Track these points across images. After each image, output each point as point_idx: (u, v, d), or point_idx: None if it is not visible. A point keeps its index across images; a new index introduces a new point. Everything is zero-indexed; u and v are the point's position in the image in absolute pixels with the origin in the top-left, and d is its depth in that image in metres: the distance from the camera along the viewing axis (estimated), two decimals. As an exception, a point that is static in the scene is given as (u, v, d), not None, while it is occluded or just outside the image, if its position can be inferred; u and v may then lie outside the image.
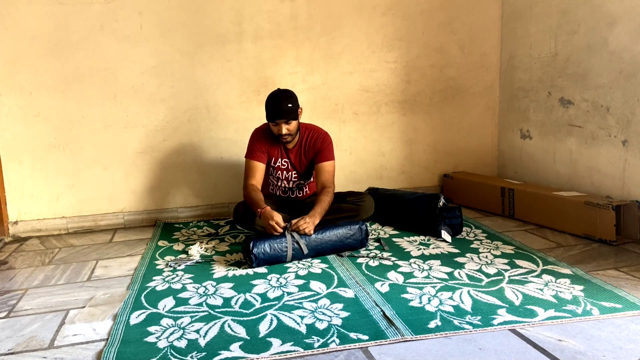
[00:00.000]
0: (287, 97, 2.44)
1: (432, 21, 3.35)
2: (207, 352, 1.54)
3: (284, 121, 2.43)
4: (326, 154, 2.57)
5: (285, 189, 2.68)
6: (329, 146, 2.59)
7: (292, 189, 2.69)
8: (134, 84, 2.99)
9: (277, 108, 2.42)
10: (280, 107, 2.41)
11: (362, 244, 2.42)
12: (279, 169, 2.62)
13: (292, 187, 2.68)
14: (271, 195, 2.71)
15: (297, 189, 2.70)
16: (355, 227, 2.39)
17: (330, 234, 2.34)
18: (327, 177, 2.54)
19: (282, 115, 2.42)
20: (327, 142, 2.59)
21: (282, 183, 2.66)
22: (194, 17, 3.01)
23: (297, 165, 2.63)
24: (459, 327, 1.65)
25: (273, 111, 2.43)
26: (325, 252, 2.34)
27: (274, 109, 2.42)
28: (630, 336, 1.57)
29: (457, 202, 3.27)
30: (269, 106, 2.45)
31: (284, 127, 2.44)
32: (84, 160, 2.99)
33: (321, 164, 2.56)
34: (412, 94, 3.39)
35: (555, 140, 3.05)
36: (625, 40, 2.54)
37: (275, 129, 2.47)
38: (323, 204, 2.41)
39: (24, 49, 2.83)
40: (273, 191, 2.71)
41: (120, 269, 2.34)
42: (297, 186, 2.69)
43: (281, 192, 2.69)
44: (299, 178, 2.65)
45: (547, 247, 2.45)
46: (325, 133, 2.62)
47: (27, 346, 1.64)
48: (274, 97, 2.45)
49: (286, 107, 2.42)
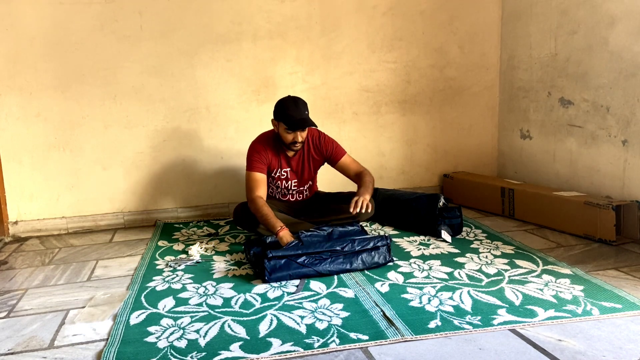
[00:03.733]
0: (305, 105, 2.44)
1: (432, 21, 3.35)
2: (207, 352, 1.54)
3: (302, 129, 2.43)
4: (337, 151, 2.60)
5: (285, 192, 2.67)
6: (334, 144, 2.61)
7: (292, 194, 2.68)
8: (134, 84, 2.99)
9: (300, 117, 2.39)
10: (303, 117, 2.40)
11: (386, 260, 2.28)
12: (279, 179, 2.60)
13: (291, 192, 2.68)
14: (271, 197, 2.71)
15: (297, 193, 2.69)
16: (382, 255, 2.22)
17: (357, 263, 2.17)
18: (355, 166, 2.62)
19: (307, 124, 2.40)
20: (330, 141, 2.61)
21: (282, 191, 2.65)
22: (194, 17, 3.01)
23: (299, 173, 2.61)
24: (459, 327, 1.65)
25: (297, 120, 2.38)
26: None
27: (298, 119, 2.39)
28: (630, 336, 1.57)
29: (457, 202, 3.27)
30: (292, 114, 2.39)
31: (300, 135, 2.43)
32: (84, 160, 2.99)
33: (340, 161, 2.60)
34: (412, 94, 3.39)
35: (555, 140, 3.05)
36: (625, 40, 2.54)
37: (291, 137, 2.43)
38: (368, 185, 2.47)
39: (24, 49, 2.83)
40: (273, 194, 2.71)
41: (120, 269, 2.34)
42: (298, 192, 2.69)
43: (281, 195, 2.68)
44: (298, 185, 2.65)
45: (547, 247, 2.45)
46: (322, 134, 2.62)
47: (27, 346, 1.64)
48: (293, 105, 2.41)
49: (307, 115, 2.42)
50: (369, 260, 2.18)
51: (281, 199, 2.68)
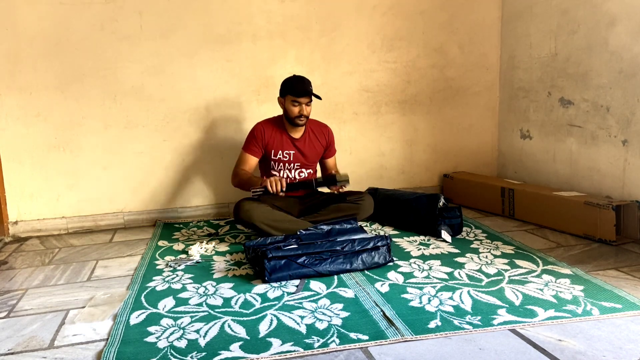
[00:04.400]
0: (309, 83, 2.61)
1: (432, 21, 3.35)
2: (207, 352, 1.54)
3: (308, 100, 2.58)
4: (332, 148, 2.84)
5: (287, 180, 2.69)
6: (333, 140, 2.83)
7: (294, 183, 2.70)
8: (134, 84, 2.99)
9: (304, 86, 2.57)
10: (307, 86, 2.57)
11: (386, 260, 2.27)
12: (280, 162, 2.66)
13: (294, 178, 2.71)
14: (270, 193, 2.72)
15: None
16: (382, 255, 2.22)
17: (357, 263, 2.17)
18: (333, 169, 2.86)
19: (309, 93, 2.56)
20: (332, 135, 2.83)
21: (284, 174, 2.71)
22: (194, 17, 3.01)
23: (306, 155, 2.71)
24: (459, 327, 1.65)
25: (300, 88, 2.56)
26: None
27: (301, 86, 2.56)
28: (630, 336, 1.57)
29: (457, 202, 3.27)
30: (295, 84, 2.57)
31: (305, 108, 2.58)
32: (84, 160, 2.99)
33: (329, 159, 2.85)
34: (412, 94, 3.39)
35: (555, 140, 3.05)
36: (625, 40, 2.54)
37: (297, 110, 2.58)
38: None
39: (24, 49, 2.83)
40: None
41: (120, 269, 2.34)
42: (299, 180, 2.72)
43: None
44: (301, 167, 2.71)
45: (547, 247, 2.45)
46: (326, 125, 2.84)
47: (27, 346, 1.64)
48: (298, 78, 2.61)
49: (310, 88, 2.59)
50: (369, 261, 2.18)
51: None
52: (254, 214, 2.47)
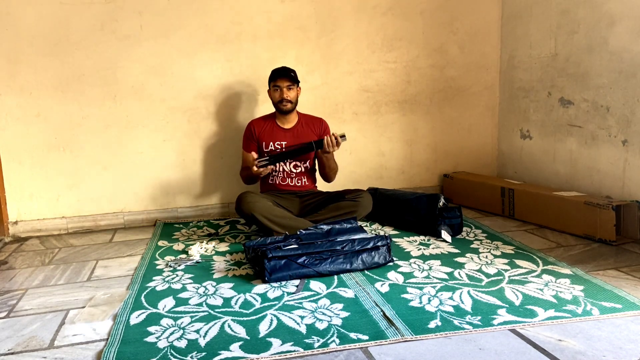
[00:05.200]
0: (292, 70, 2.70)
1: (432, 21, 3.35)
2: (207, 352, 1.54)
3: (287, 84, 2.64)
4: (327, 132, 2.80)
5: (284, 176, 2.73)
6: (329, 132, 2.81)
7: (292, 177, 2.73)
8: (134, 84, 2.99)
9: (280, 70, 2.67)
10: (284, 69, 2.66)
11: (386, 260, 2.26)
12: (273, 153, 2.68)
13: (291, 175, 2.73)
14: (271, 190, 2.74)
15: (297, 178, 2.74)
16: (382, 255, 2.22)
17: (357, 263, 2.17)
18: None
19: (285, 74, 2.64)
20: (328, 126, 2.83)
21: (280, 174, 2.73)
22: (194, 17, 3.01)
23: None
24: (459, 327, 1.65)
25: (277, 72, 2.66)
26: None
27: (278, 70, 2.67)
28: (630, 336, 1.57)
29: (457, 202, 3.27)
30: (273, 71, 2.69)
31: (286, 92, 2.64)
32: (84, 160, 2.99)
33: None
34: (412, 94, 3.39)
35: (555, 140, 3.05)
36: (625, 40, 2.54)
37: (277, 95, 2.67)
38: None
39: (24, 49, 2.83)
40: (273, 181, 2.74)
41: (120, 269, 2.34)
42: (297, 176, 2.74)
43: (280, 180, 2.73)
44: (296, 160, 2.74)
45: (547, 247, 2.45)
46: (321, 118, 2.86)
47: (27, 346, 1.64)
48: (278, 66, 2.73)
49: (289, 72, 2.66)
50: (369, 260, 2.19)
51: (281, 184, 2.73)
52: (255, 207, 2.48)
